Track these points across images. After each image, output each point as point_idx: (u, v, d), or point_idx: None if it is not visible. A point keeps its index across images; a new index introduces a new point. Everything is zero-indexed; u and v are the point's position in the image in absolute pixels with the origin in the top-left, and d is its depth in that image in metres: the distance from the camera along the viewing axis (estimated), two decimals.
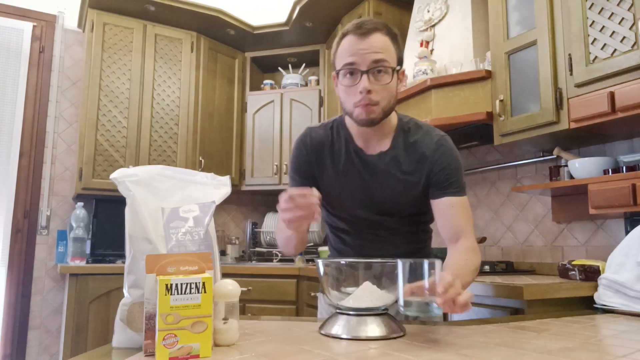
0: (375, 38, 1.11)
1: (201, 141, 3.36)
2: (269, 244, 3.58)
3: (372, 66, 1.10)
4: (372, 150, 1.22)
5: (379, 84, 1.11)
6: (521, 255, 2.35)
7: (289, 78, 3.68)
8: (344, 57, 1.13)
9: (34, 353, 3.07)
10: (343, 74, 1.13)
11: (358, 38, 1.11)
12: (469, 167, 2.63)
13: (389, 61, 1.12)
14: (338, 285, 0.91)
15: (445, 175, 1.18)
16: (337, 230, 1.33)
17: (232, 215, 3.83)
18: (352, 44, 1.12)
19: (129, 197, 0.84)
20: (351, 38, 1.12)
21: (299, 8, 3.13)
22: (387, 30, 1.14)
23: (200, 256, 0.78)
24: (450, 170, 1.18)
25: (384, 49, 1.11)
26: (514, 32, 2.04)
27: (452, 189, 1.17)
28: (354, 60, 1.11)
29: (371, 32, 1.11)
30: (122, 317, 0.81)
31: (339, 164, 1.24)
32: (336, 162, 1.24)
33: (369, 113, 1.12)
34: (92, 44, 3.07)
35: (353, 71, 1.11)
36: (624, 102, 1.58)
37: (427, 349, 0.80)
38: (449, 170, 1.18)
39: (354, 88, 1.11)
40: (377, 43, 1.11)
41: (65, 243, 3.15)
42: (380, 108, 1.13)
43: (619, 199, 1.61)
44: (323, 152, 1.25)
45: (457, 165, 1.20)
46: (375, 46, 1.10)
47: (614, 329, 1.03)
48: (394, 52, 1.14)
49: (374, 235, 1.26)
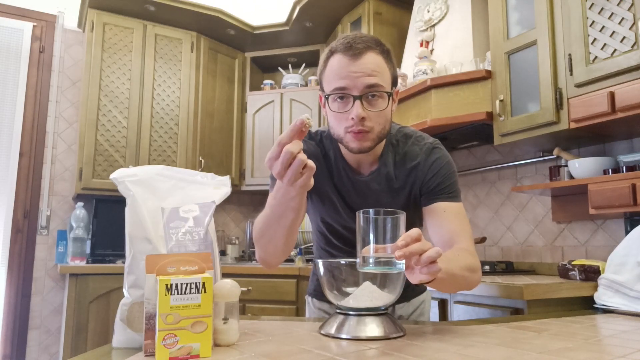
0: (368, 59, 0.99)
1: (201, 141, 3.36)
2: None
3: (366, 91, 0.99)
4: (363, 169, 1.14)
5: (373, 110, 1.00)
6: (521, 255, 2.35)
7: (289, 78, 3.68)
8: (333, 80, 1.01)
9: (34, 353, 3.07)
10: (333, 99, 1.02)
11: (349, 60, 0.99)
12: (469, 167, 2.63)
13: (384, 85, 1.01)
14: (338, 285, 0.91)
15: (437, 182, 1.10)
16: (324, 235, 1.25)
17: (232, 215, 3.84)
18: (342, 66, 1.00)
19: (129, 197, 0.84)
20: (341, 58, 1.00)
21: (299, 8, 3.13)
22: (380, 49, 1.03)
23: (200, 256, 0.78)
24: (442, 177, 1.10)
25: (378, 71, 1.00)
26: (514, 32, 2.04)
27: (445, 194, 1.09)
28: (345, 85, 0.99)
29: (363, 53, 0.99)
30: (122, 317, 0.81)
31: (333, 177, 1.15)
32: (330, 173, 1.15)
33: (362, 141, 1.01)
34: (92, 44, 3.07)
35: (344, 96, 1.00)
36: (624, 102, 1.58)
37: (427, 349, 0.80)
38: (441, 177, 1.10)
39: (346, 114, 1.00)
40: (370, 65, 0.99)
41: (65, 243, 3.16)
42: (374, 135, 1.02)
43: (619, 199, 1.61)
44: (316, 162, 1.06)
45: (450, 171, 1.12)
46: (369, 68, 0.99)
47: (614, 329, 1.03)
48: (388, 72, 1.03)
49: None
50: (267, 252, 1.05)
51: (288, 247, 1.03)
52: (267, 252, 1.05)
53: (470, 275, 0.99)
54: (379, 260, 0.79)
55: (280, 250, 1.03)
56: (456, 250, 1.02)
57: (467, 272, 0.98)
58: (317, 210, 1.19)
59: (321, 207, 1.17)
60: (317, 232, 1.27)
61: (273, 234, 0.99)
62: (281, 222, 0.96)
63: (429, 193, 1.10)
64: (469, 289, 1.03)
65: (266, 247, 1.04)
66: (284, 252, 1.04)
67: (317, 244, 1.30)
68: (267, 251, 1.05)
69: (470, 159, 2.65)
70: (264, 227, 1.01)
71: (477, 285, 1.04)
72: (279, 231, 0.98)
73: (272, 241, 1.01)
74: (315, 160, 0.96)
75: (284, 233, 0.98)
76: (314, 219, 1.24)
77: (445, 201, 1.09)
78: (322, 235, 1.25)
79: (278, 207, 0.93)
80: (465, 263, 0.98)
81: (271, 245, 1.02)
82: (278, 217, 0.95)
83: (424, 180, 1.11)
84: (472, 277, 1.01)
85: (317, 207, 1.19)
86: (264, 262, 1.09)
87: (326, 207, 1.17)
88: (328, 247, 1.25)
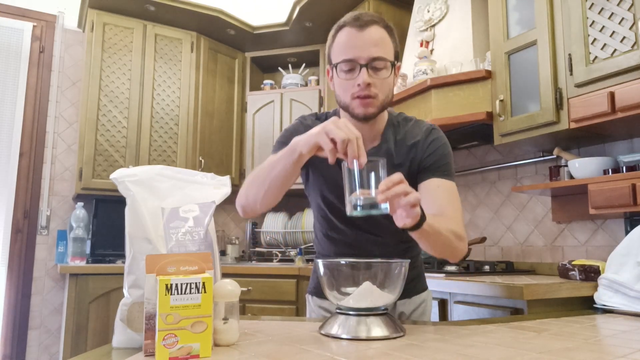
0: (373, 31, 1.09)
1: (201, 141, 3.36)
2: (269, 244, 3.58)
3: (371, 60, 1.07)
4: (365, 145, 1.19)
5: (378, 78, 1.09)
6: (521, 255, 2.35)
7: (289, 78, 3.68)
8: (341, 51, 1.10)
9: (34, 353, 3.07)
10: (340, 68, 1.10)
11: (356, 30, 1.08)
12: (469, 167, 2.63)
13: (387, 56, 1.10)
14: (338, 285, 0.91)
15: (434, 159, 1.16)
16: (326, 219, 1.27)
17: (232, 215, 3.83)
18: (350, 37, 1.09)
19: (129, 197, 0.84)
20: (349, 31, 1.10)
21: (299, 8, 3.13)
22: (384, 24, 1.12)
23: (200, 256, 0.78)
24: (439, 155, 1.17)
25: (382, 43, 1.09)
26: (514, 32, 2.04)
27: (440, 172, 1.16)
28: (353, 54, 1.08)
29: (369, 25, 1.08)
30: (122, 317, 0.81)
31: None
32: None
33: (367, 107, 1.09)
34: (92, 44, 3.07)
35: (352, 65, 1.08)
36: (624, 102, 1.58)
37: (427, 349, 0.80)
38: (438, 155, 1.17)
39: (352, 81, 1.09)
40: (375, 36, 1.08)
41: (65, 243, 3.15)
42: (378, 102, 1.10)
43: (619, 199, 1.61)
44: None
45: (447, 151, 1.19)
46: (374, 39, 1.08)
47: (614, 329, 1.03)
48: (391, 45, 1.12)
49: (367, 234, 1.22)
50: (247, 197, 1.13)
51: (267, 199, 1.10)
52: (248, 196, 1.13)
53: (455, 240, 1.05)
54: (365, 204, 0.87)
55: (260, 197, 1.10)
56: (444, 217, 1.08)
57: (453, 236, 1.04)
58: (318, 188, 1.24)
59: (323, 182, 1.22)
60: (319, 217, 1.30)
61: (261, 182, 1.09)
62: (272, 173, 1.06)
63: (426, 169, 1.17)
64: (454, 256, 1.10)
65: (248, 191, 1.13)
66: (262, 203, 1.11)
67: (319, 232, 1.31)
68: (248, 195, 1.13)
69: (470, 159, 2.65)
70: (255, 174, 1.12)
71: (463, 254, 1.11)
72: (267, 181, 1.07)
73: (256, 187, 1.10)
74: None
75: (269, 183, 1.07)
76: (315, 200, 1.27)
77: (439, 178, 1.15)
78: (324, 219, 1.27)
79: (277, 162, 1.04)
80: (451, 228, 1.05)
81: (253, 189, 1.11)
82: (272, 168, 1.05)
83: (422, 157, 1.18)
84: (458, 244, 1.07)
85: (319, 183, 1.23)
86: (242, 207, 1.16)
87: (328, 181, 1.21)
88: (330, 231, 1.26)
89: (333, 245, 1.27)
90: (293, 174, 1.04)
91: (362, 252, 1.20)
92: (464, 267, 2.12)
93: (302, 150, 0.97)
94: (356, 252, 1.21)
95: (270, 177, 1.06)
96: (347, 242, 1.24)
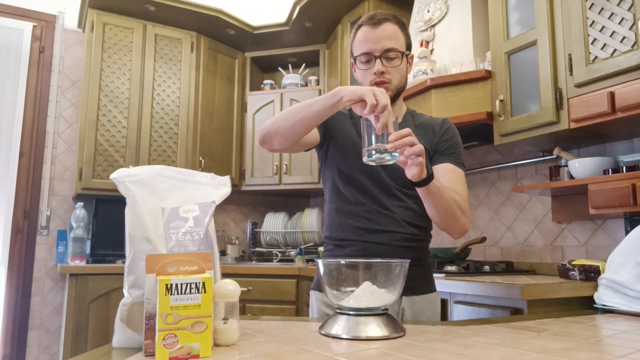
0: (386, 27, 1.28)
1: (201, 141, 3.36)
2: (269, 244, 3.58)
3: (384, 52, 1.26)
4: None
5: (390, 66, 1.27)
6: (521, 255, 2.35)
7: (289, 78, 3.68)
8: (359, 46, 1.29)
9: (34, 353, 3.07)
10: (360, 60, 1.29)
11: (371, 28, 1.28)
12: (469, 167, 2.63)
13: (399, 47, 1.28)
14: (338, 285, 0.91)
15: (449, 145, 1.33)
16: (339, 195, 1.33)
17: (232, 215, 3.84)
18: (366, 34, 1.28)
19: (129, 197, 0.84)
20: (365, 28, 1.29)
21: (299, 8, 3.13)
22: (396, 20, 1.31)
23: (200, 256, 0.78)
24: (454, 142, 1.34)
25: (394, 37, 1.28)
26: (514, 32, 2.04)
27: (454, 158, 1.31)
28: (368, 48, 1.27)
29: (382, 22, 1.27)
30: (122, 317, 0.81)
31: (357, 126, 1.32)
32: (355, 127, 1.34)
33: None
34: (92, 44, 3.07)
35: (368, 57, 1.27)
36: (624, 102, 1.58)
37: (427, 349, 0.80)
38: (454, 142, 1.34)
39: (370, 70, 1.27)
40: (387, 31, 1.27)
41: (65, 243, 3.16)
42: (393, 86, 1.28)
43: (619, 199, 1.61)
44: (341, 116, 1.37)
45: (459, 142, 1.36)
46: (386, 34, 1.27)
47: (614, 329, 1.03)
48: (403, 38, 1.30)
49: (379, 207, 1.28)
50: (273, 124, 1.22)
51: (291, 131, 1.19)
52: (274, 123, 1.21)
53: (458, 211, 1.20)
54: (379, 153, 1.02)
55: (287, 127, 1.19)
56: (453, 191, 1.21)
57: (457, 207, 1.20)
58: (335, 163, 1.34)
59: (343, 154, 1.33)
60: (331, 195, 1.37)
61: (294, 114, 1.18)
62: (308, 109, 1.16)
63: (440, 153, 1.32)
64: (456, 227, 1.23)
65: (277, 119, 1.22)
66: (284, 133, 1.20)
67: (332, 211, 1.36)
68: (276, 122, 1.21)
69: (470, 159, 2.65)
70: (289, 109, 1.21)
71: (465, 230, 1.25)
72: (299, 114, 1.18)
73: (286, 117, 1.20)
74: (342, 116, 1.37)
75: (301, 117, 1.17)
76: (331, 179, 1.36)
77: (452, 164, 1.30)
78: (337, 196, 1.35)
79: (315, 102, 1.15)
80: (457, 200, 1.20)
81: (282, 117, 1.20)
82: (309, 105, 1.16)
83: (438, 142, 1.33)
84: (461, 216, 1.21)
85: (336, 157, 1.34)
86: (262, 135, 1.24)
87: (349, 153, 1.32)
88: (341, 204, 1.33)
89: (344, 218, 1.32)
90: (325, 116, 1.16)
91: (371, 225, 1.27)
92: (464, 267, 2.12)
93: (345, 96, 1.10)
94: (366, 225, 1.28)
95: (305, 112, 1.17)
96: (357, 213, 1.30)
